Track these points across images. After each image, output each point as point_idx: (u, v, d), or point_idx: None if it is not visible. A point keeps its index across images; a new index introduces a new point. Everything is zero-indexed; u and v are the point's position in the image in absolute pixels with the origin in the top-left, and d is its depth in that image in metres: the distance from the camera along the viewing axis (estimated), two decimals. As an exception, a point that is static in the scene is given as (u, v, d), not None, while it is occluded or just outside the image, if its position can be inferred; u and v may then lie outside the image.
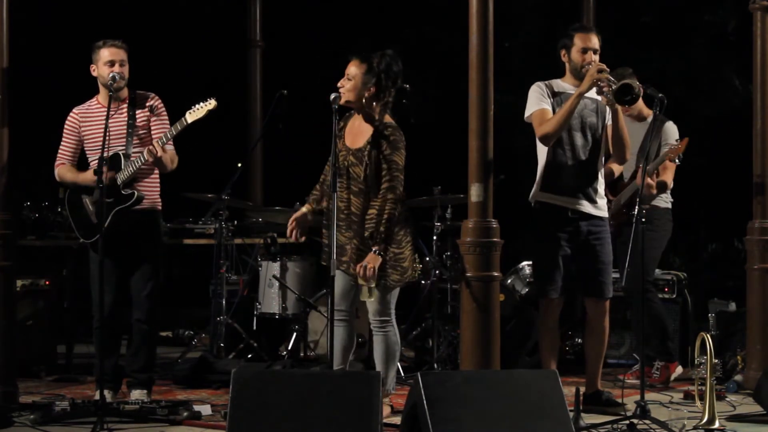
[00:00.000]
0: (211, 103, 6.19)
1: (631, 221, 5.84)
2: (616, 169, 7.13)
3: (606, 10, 8.99)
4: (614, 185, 7.25)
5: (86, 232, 6.43)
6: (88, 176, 6.37)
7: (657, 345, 7.31)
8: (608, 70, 6.04)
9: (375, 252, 5.81)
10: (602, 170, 6.33)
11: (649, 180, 6.78)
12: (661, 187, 7.11)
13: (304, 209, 6.11)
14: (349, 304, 6.01)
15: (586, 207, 6.21)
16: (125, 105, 6.44)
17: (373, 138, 5.87)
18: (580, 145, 6.20)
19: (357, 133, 5.94)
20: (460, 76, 6.17)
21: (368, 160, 5.83)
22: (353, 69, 5.86)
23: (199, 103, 6.22)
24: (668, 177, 7.15)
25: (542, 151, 6.23)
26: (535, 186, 6.27)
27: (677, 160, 6.88)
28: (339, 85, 5.87)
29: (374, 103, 5.92)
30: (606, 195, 6.46)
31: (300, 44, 11.18)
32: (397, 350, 6.08)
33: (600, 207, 6.27)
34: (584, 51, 6.21)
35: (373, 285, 5.84)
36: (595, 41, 6.25)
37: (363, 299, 5.93)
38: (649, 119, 7.11)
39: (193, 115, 6.20)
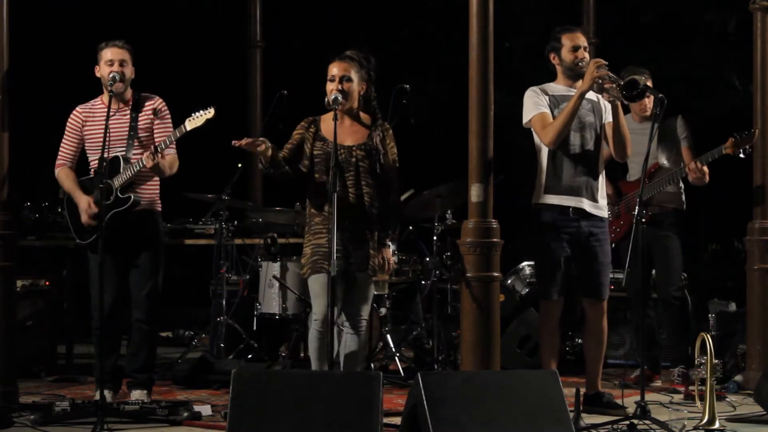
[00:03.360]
0: (210, 112, 6.20)
1: (650, 222, 5.79)
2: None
3: (606, 10, 8.99)
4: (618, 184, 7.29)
5: (82, 234, 6.44)
6: (82, 200, 6.37)
7: (683, 351, 7.33)
8: (606, 64, 6.04)
9: (387, 244, 5.83)
10: (603, 169, 6.32)
11: (705, 168, 6.99)
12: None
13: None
14: (327, 313, 5.70)
15: (584, 204, 6.20)
16: (128, 107, 6.44)
17: (376, 131, 5.86)
18: (579, 145, 6.20)
19: (350, 131, 5.84)
20: (460, 77, 6.17)
21: (381, 153, 5.82)
22: (351, 72, 5.82)
23: (198, 111, 6.22)
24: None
25: (543, 154, 6.23)
26: (536, 189, 6.26)
27: (742, 154, 6.88)
28: (334, 88, 5.76)
29: (366, 100, 5.90)
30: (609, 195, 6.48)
31: (300, 44, 11.18)
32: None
33: (601, 207, 6.28)
34: (575, 49, 6.22)
35: (387, 276, 5.84)
36: (583, 39, 6.25)
37: (376, 292, 5.95)
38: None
39: (192, 122, 6.21)
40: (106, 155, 6.05)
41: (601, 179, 6.29)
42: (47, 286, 7.66)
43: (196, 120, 6.20)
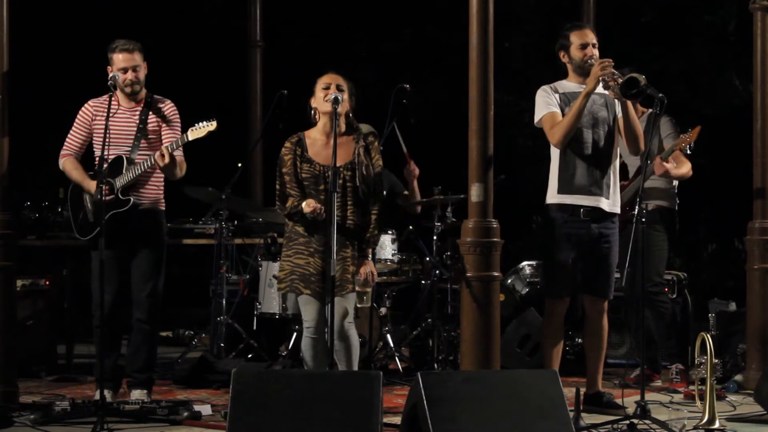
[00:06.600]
0: (213, 125, 6.23)
1: (633, 220, 5.82)
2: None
3: (606, 10, 8.99)
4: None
5: (83, 230, 6.44)
6: (92, 186, 6.36)
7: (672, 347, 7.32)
8: (612, 63, 6.03)
9: (369, 256, 5.83)
10: (617, 163, 6.29)
11: (666, 164, 6.91)
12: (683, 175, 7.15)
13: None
14: (323, 326, 5.76)
15: (602, 203, 6.18)
16: (139, 107, 6.43)
17: (360, 143, 5.84)
18: (592, 142, 6.17)
19: (340, 148, 5.75)
20: (460, 76, 6.17)
21: (364, 165, 5.81)
22: (343, 83, 5.81)
23: (201, 122, 6.24)
24: (683, 168, 7.17)
25: (555, 153, 6.21)
26: (549, 189, 6.24)
27: (689, 150, 6.86)
28: (332, 93, 5.73)
29: (351, 114, 5.89)
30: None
31: (300, 44, 11.20)
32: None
33: (614, 202, 6.24)
34: (583, 47, 6.21)
35: (370, 289, 5.84)
36: (591, 36, 6.25)
37: (361, 305, 5.93)
38: (644, 117, 7.14)
39: (194, 133, 6.24)
40: (106, 154, 6.03)
41: (615, 173, 6.25)
42: (47, 286, 7.66)
43: (199, 131, 6.24)
